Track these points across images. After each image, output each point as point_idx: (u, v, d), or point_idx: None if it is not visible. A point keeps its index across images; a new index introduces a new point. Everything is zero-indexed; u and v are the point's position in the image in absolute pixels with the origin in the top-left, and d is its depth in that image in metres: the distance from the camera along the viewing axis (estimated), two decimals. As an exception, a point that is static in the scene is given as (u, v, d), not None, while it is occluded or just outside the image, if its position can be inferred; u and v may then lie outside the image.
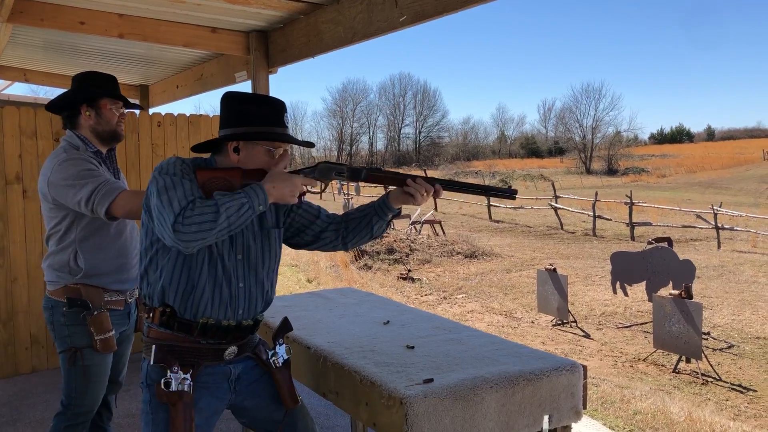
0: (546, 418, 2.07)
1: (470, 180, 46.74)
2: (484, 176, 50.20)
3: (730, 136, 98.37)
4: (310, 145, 2.23)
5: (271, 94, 4.50)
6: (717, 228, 16.77)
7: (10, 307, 4.80)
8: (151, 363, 1.92)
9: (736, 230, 17.54)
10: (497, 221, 22.36)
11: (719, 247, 16.18)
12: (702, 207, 20.77)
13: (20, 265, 4.83)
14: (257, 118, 1.91)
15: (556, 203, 21.68)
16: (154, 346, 1.94)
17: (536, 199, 24.82)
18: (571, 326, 8.78)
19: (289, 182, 1.87)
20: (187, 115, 5.45)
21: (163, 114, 5.39)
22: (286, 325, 2.17)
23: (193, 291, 1.90)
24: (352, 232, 2.15)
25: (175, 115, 5.39)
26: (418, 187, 2.05)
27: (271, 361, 2.06)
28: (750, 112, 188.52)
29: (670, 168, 62.41)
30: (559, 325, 8.84)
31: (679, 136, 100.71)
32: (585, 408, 2.19)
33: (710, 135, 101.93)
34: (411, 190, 2.05)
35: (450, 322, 2.77)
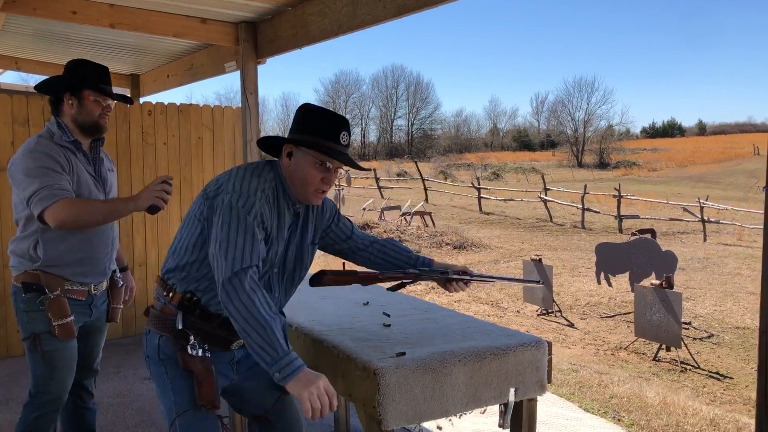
0: (512, 390, 2.20)
1: (462, 172, 46.90)
2: (476, 168, 50.35)
3: (722, 130, 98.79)
4: (363, 169, 2.12)
5: (260, 84, 4.61)
6: (703, 221, 16.99)
7: (1, 291, 4.90)
8: (179, 327, 1.95)
9: (723, 223, 17.77)
10: (487, 213, 22.51)
11: (705, 239, 16.39)
12: (691, 201, 20.98)
13: (12, 250, 4.92)
14: (313, 128, 1.94)
15: (546, 196, 21.85)
16: (179, 313, 1.97)
17: (526, 191, 25.01)
18: (555, 316, 8.93)
19: (315, 389, 1.72)
20: (178, 104, 5.55)
21: (153, 103, 5.49)
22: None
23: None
24: (379, 266, 2.33)
25: (166, 104, 5.49)
26: (456, 288, 2.31)
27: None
28: (741, 106, 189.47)
29: (661, 162, 62.76)
30: (544, 314, 8.99)
31: (671, 130, 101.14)
32: (550, 382, 2.32)
33: (701, 129, 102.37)
34: (450, 288, 2.31)
35: (428, 303, 2.90)
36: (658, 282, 7.15)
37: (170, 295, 1.99)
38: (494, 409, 2.28)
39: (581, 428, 3.89)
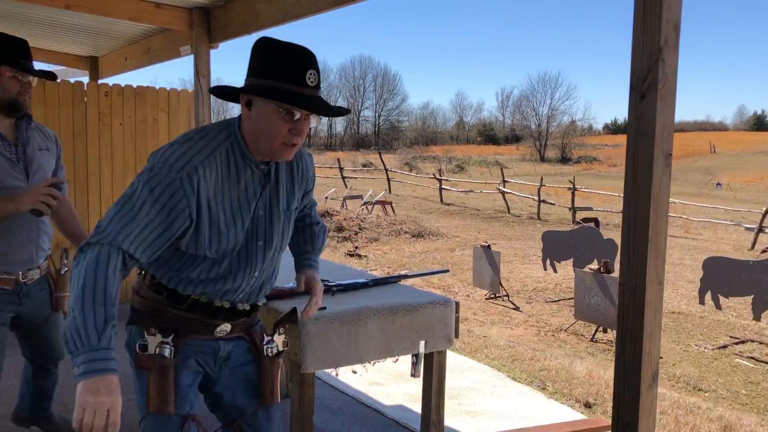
0: (422, 343, 2.48)
1: (427, 165, 47.30)
2: (441, 161, 50.85)
3: (681, 128, 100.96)
4: (343, 112, 1.79)
5: (229, 71, 4.80)
6: (653, 214, 17.63)
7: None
8: (125, 323, 1.78)
9: (671, 216, 18.42)
10: (448, 204, 22.90)
11: (654, 232, 17.00)
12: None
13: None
14: (273, 70, 1.60)
15: (504, 188, 22.32)
16: (131, 307, 1.81)
17: (485, 183, 25.48)
18: (503, 300, 9.30)
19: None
20: (134, 86, 5.71)
21: (110, 84, 5.64)
22: (292, 316, 1.99)
23: (187, 270, 1.74)
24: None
25: (123, 86, 5.65)
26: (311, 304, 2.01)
27: (265, 347, 1.91)
28: (699, 105, 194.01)
29: (621, 157, 63.50)
30: (491, 298, 9.35)
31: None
32: (456, 337, 2.60)
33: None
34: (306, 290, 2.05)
35: (367, 274, 3.16)
36: (596, 267, 7.55)
37: (142, 273, 1.80)
38: (407, 359, 2.56)
39: (506, 393, 4.21)
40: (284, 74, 1.59)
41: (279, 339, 1.93)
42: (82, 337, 1.42)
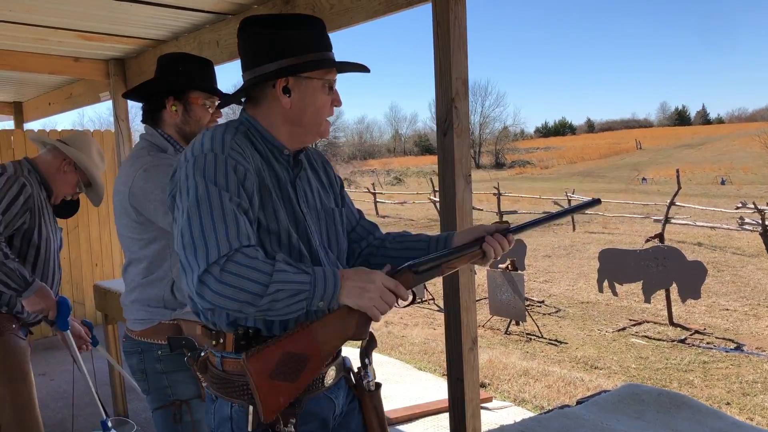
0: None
1: (366, 179, 48.09)
2: (379, 174, 51.73)
3: (609, 127, 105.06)
4: (365, 69, 1.56)
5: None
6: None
7: None
8: (249, 429, 1.40)
9: (589, 214, 19.57)
10: (384, 216, 23.63)
11: (574, 229, 18.08)
12: (580, 195, 22.93)
13: None
14: (302, 43, 1.43)
15: (435, 197, 23.19)
16: (212, 395, 1.49)
17: (417, 194, 26.38)
18: (428, 303, 9.97)
19: (372, 283, 1.34)
20: (59, 130, 6.13)
21: (35, 130, 6.05)
22: (373, 341, 1.59)
23: None
24: (384, 257, 1.67)
25: (48, 131, 6.07)
26: (494, 244, 1.55)
27: (364, 383, 1.57)
28: (625, 103, 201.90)
29: (553, 160, 66.42)
30: (418, 303, 10.00)
31: (563, 129, 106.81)
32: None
33: (590, 127, 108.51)
34: (487, 249, 1.55)
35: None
36: (504, 265, 8.29)
37: (221, 342, 1.45)
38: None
39: (410, 380, 4.83)
40: (317, 44, 1.45)
41: (371, 369, 1.58)
42: (298, 284, 1.27)
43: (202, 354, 1.57)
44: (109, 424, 2.98)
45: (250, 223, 1.33)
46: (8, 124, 7.73)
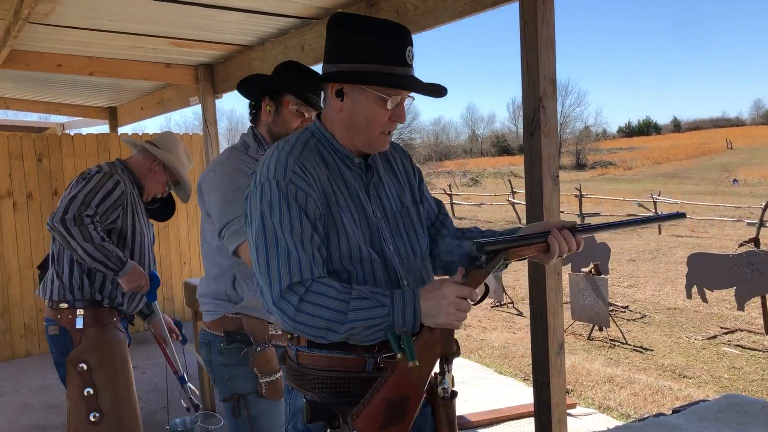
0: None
1: (441, 180, 47.98)
2: (455, 175, 51.49)
3: (696, 126, 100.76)
4: (440, 92, 1.55)
5: (238, 105, 5.46)
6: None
7: (6, 301, 5.73)
8: (303, 422, 1.43)
9: (678, 216, 18.82)
10: (461, 218, 23.44)
11: (660, 232, 17.40)
12: (666, 197, 22.13)
13: (13, 266, 5.76)
14: (374, 53, 1.40)
15: (514, 198, 22.84)
16: (306, 398, 1.45)
17: (494, 195, 26.05)
18: (507, 307, 9.82)
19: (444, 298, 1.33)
20: (150, 134, 6.40)
21: (129, 134, 6.34)
22: (457, 347, 1.47)
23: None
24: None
25: (140, 134, 6.34)
26: (560, 239, 1.50)
27: (439, 390, 1.48)
28: (715, 101, 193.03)
29: (637, 160, 64.27)
30: (496, 306, 9.88)
31: (647, 128, 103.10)
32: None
33: (677, 126, 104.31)
34: (552, 242, 1.50)
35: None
36: (587, 269, 8.07)
37: (295, 335, 1.46)
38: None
39: (489, 384, 4.77)
40: (385, 56, 1.40)
41: (449, 376, 1.48)
42: (375, 306, 1.32)
43: (258, 350, 1.70)
44: (195, 402, 3.11)
45: (316, 249, 1.38)
46: (104, 128, 8.14)
